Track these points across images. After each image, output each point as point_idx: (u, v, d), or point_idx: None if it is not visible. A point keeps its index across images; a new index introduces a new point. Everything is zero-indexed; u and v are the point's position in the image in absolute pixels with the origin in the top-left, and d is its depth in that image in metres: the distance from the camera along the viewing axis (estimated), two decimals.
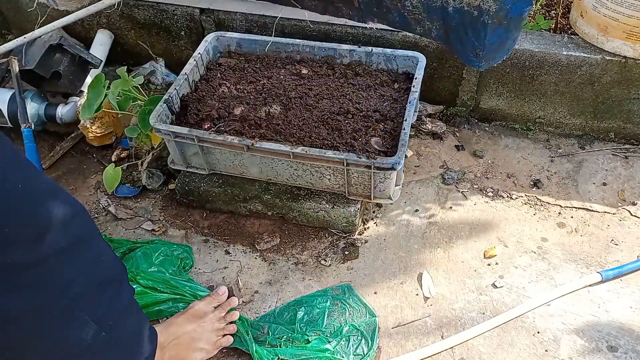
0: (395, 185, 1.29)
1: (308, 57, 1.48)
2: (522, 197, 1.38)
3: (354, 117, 1.30)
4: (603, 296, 1.16)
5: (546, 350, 1.08)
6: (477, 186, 1.41)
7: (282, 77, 1.43)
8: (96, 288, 0.77)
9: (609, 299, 1.16)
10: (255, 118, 1.30)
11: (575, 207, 1.35)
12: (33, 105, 1.51)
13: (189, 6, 1.60)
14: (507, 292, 1.18)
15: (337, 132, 1.26)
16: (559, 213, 1.34)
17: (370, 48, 1.44)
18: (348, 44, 1.47)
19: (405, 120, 1.23)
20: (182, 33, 1.66)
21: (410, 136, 1.53)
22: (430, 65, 1.49)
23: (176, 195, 1.40)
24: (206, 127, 1.29)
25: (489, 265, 1.24)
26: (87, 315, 0.75)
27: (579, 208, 1.35)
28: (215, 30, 1.57)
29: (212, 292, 1.17)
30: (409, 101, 1.28)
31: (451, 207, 1.37)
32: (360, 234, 1.32)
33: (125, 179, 1.45)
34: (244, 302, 1.20)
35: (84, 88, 1.57)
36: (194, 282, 1.22)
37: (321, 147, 1.21)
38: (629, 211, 1.33)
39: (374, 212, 1.37)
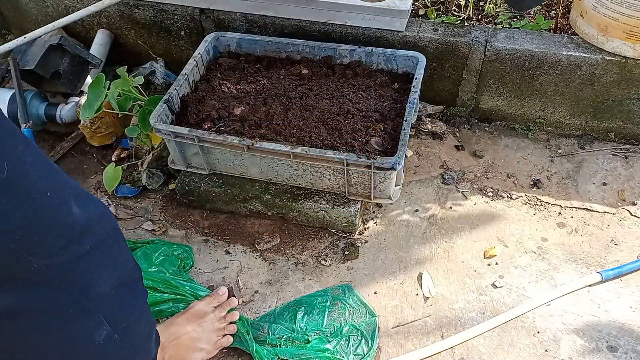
0: (395, 185, 1.29)
1: (308, 57, 1.48)
2: (522, 197, 1.38)
3: (354, 117, 1.30)
4: (603, 296, 1.16)
5: (546, 350, 1.08)
6: (477, 186, 1.41)
7: (282, 77, 1.44)
8: (115, 290, 0.77)
9: (609, 299, 1.16)
10: (255, 118, 1.30)
11: (575, 207, 1.35)
12: (33, 105, 1.52)
13: (189, 6, 1.60)
14: (507, 292, 1.18)
15: (337, 132, 1.26)
16: (559, 213, 1.34)
17: (370, 48, 1.44)
18: (348, 44, 1.47)
19: (405, 121, 1.23)
20: (182, 33, 1.66)
21: (410, 136, 1.53)
22: (430, 65, 1.49)
23: (176, 195, 1.40)
24: (206, 127, 1.29)
25: (489, 265, 1.24)
26: (102, 316, 0.74)
27: (579, 208, 1.35)
28: (215, 30, 1.57)
29: (212, 292, 1.17)
30: (409, 101, 1.28)
31: (451, 207, 1.37)
32: (360, 234, 1.32)
33: (125, 179, 1.45)
34: (244, 302, 1.20)
35: (84, 88, 1.57)
36: (194, 282, 1.22)
37: (321, 147, 1.21)
38: (629, 211, 1.33)
39: (374, 212, 1.37)
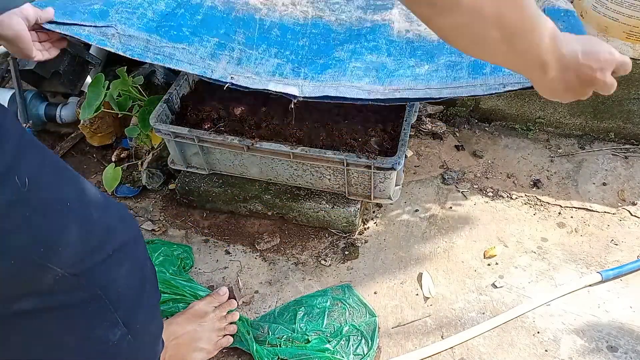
0: (395, 185, 1.29)
1: None
2: (522, 197, 1.38)
3: (354, 117, 1.30)
4: (603, 296, 1.16)
5: (546, 350, 1.08)
6: (477, 186, 1.41)
7: None
8: (134, 291, 0.77)
9: (609, 299, 1.16)
10: (255, 118, 1.30)
11: (575, 207, 1.35)
12: (33, 105, 1.51)
13: None
14: (507, 292, 1.18)
15: (336, 132, 1.25)
16: (559, 213, 1.34)
17: None
18: None
19: (405, 121, 1.23)
20: None
21: (410, 136, 1.53)
22: None
23: (176, 195, 1.40)
24: (206, 127, 1.29)
25: (489, 265, 1.24)
26: (119, 316, 0.74)
27: (579, 208, 1.35)
28: None
29: (212, 292, 1.17)
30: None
31: (451, 207, 1.37)
32: (360, 234, 1.32)
33: (125, 179, 1.45)
34: (244, 302, 1.20)
35: (84, 88, 1.56)
36: (194, 282, 1.22)
37: (321, 147, 1.21)
38: (629, 211, 1.33)
39: (374, 212, 1.37)
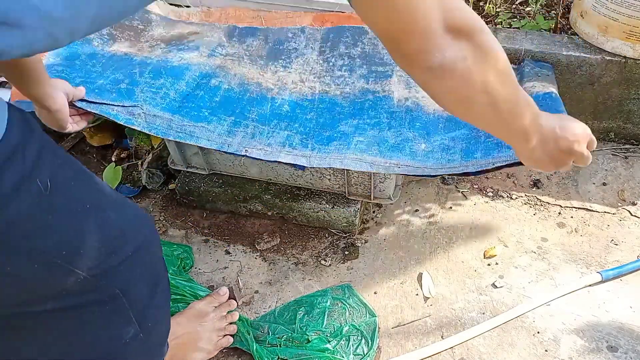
0: (395, 185, 1.29)
1: None
2: (522, 197, 1.38)
3: None
4: (603, 296, 1.16)
5: (546, 350, 1.08)
6: (477, 186, 1.41)
7: None
8: (148, 289, 0.78)
9: (609, 299, 1.16)
10: None
11: (575, 207, 1.35)
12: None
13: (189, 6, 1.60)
14: (507, 292, 1.18)
15: None
16: (559, 213, 1.34)
17: None
18: None
19: None
20: None
21: None
22: None
23: (176, 195, 1.40)
24: None
25: (489, 265, 1.24)
26: (133, 314, 0.74)
27: (579, 208, 1.35)
28: None
29: (212, 292, 1.17)
30: None
31: (451, 207, 1.37)
32: (360, 234, 1.32)
33: (125, 179, 1.45)
34: (244, 302, 1.20)
35: None
36: (194, 282, 1.22)
37: None
38: (629, 211, 1.33)
39: (374, 212, 1.37)
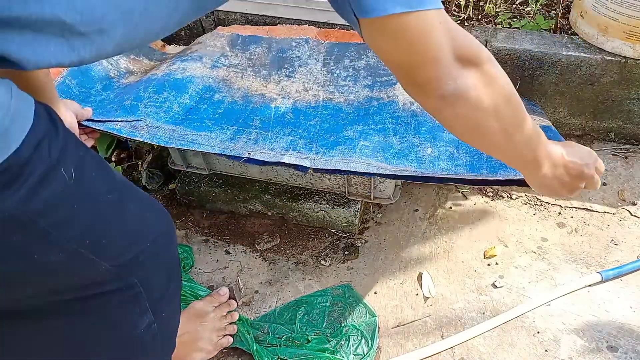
0: (395, 185, 1.29)
1: None
2: (522, 197, 1.38)
3: None
4: (603, 296, 1.16)
5: (546, 350, 1.08)
6: (476, 186, 1.41)
7: None
8: (164, 279, 0.78)
9: (609, 299, 1.16)
10: None
11: (575, 207, 1.35)
12: None
13: None
14: (507, 292, 1.18)
15: None
16: (559, 213, 1.34)
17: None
18: None
19: None
20: (182, 33, 1.66)
21: None
22: None
23: (176, 195, 1.40)
24: None
25: (489, 265, 1.24)
26: (148, 303, 0.74)
27: (579, 208, 1.35)
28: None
29: (212, 292, 1.17)
30: None
31: (451, 207, 1.37)
32: (360, 234, 1.32)
33: None
34: (244, 302, 1.20)
35: None
36: (194, 282, 1.22)
37: None
38: (629, 211, 1.33)
39: (374, 212, 1.37)
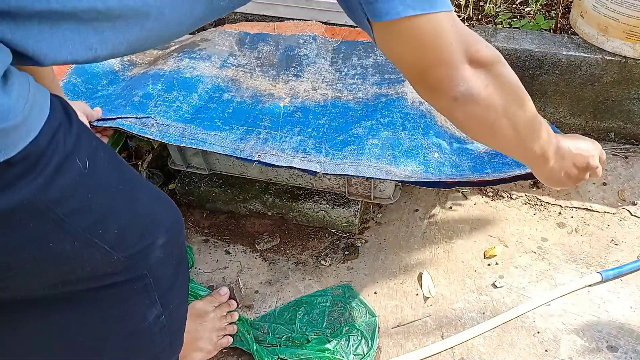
0: (395, 185, 1.29)
1: None
2: (522, 197, 1.38)
3: None
4: (603, 296, 1.16)
5: (546, 350, 1.08)
6: (478, 186, 1.41)
7: None
8: (173, 271, 0.78)
9: (609, 299, 1.16)
10: None
11: (575, 207, 1.35)
12: None
13: None
14: (507, 292, 1.18)
15: None
16: (559, 213, 1.34)
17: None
18: None
19: None
20: None
21: None
22: None
23: (176, 195, 1.40)
24: None
25: (489, 265, 1.24)
26: (157, 295, 0.74)
27: (579, 208, 1.35)
28: None
29: (212, 292, 1.17)
30: None
31: (451, 207, 1.37)
32: (360, 234, 1.32)
33: None
34: (244, 302, 1.20)
35: None
36: (194, 282, 1.22)
37: None
38: (629, 211, 1.33)
39: (374, 212, 1.37)
